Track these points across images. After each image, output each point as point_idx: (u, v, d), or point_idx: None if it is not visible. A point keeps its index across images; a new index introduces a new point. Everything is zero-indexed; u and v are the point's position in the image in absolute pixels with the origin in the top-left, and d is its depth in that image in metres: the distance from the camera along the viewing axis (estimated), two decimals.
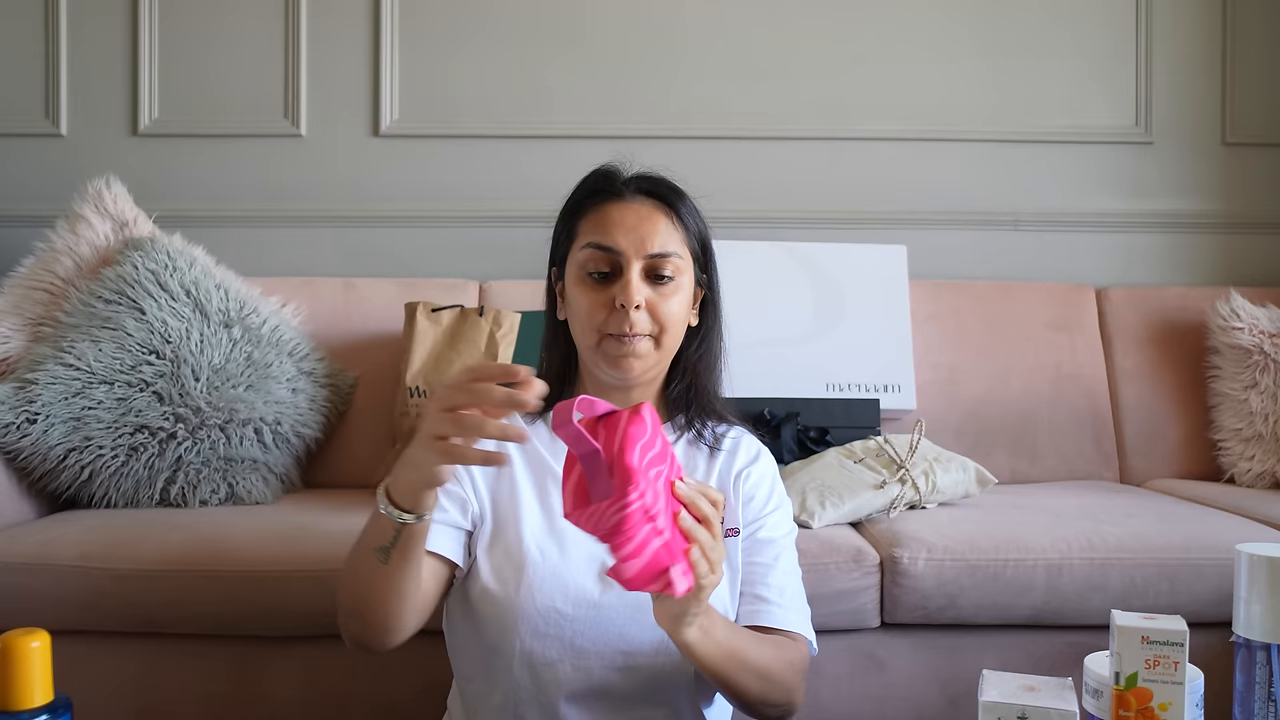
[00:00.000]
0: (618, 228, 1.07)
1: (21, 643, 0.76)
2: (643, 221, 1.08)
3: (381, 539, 0.92)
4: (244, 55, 2.35)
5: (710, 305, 1.15)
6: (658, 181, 1.12)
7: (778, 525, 1.14)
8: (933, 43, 2.39)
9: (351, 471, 2.00)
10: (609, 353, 1.07)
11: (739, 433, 1.19)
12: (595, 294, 1.07)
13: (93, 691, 1.38)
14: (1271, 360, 2.03)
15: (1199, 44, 2.41)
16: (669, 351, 1.10)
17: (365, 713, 1.45)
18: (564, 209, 1.14)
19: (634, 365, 1.07)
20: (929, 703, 1.49)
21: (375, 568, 0.93)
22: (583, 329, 1.08)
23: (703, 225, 1.14)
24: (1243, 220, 2.42)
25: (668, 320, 1.07)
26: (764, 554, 1.11)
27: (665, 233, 1.08)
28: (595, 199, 1.10)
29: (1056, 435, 2.12)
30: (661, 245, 1.07)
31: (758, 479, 1.15)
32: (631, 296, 1.04)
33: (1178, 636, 0.89)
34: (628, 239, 1.06)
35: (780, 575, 1.11)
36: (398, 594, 0.96)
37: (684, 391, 1.15)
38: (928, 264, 2.33)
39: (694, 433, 1.15)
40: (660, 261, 1.07)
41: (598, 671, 1.04)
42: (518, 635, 1.03)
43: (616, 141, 2.32)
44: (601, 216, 1.09)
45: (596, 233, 1.08)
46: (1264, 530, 1.59)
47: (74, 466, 1.70)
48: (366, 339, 2.11)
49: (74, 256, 1.92)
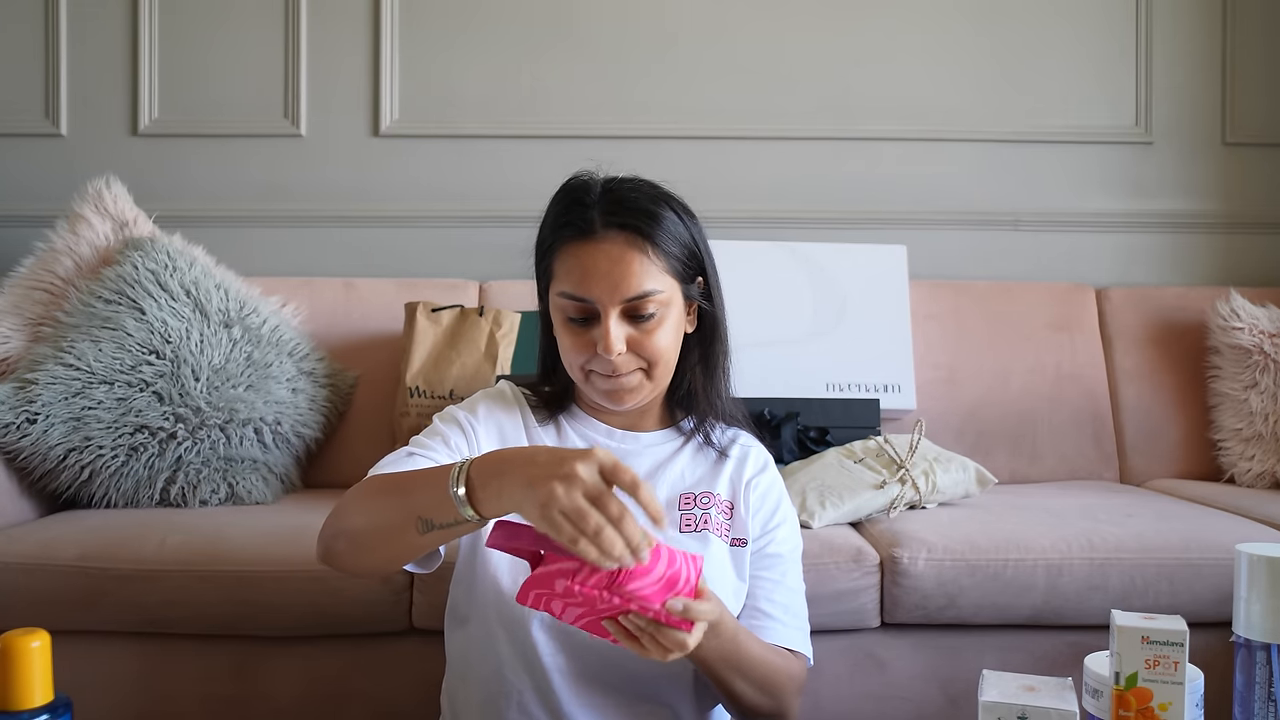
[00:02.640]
0: (590, 276, 1.01)
1: (21, 643, 0.76)
2: (616, 265, 1.01)
3: (434, 514, 0.86)
4: (244, 55, 2.35)
5: (707, 311, 1.11)
6: (630, 208, 1.03)
7: (785, 540, 1.14)
8: (933, 43, 2.39)
9: (351, 471, 1.99)
10: (598, 387, 1.05)
11: (748, 440, 1.18)
12: (577, 337, 1.04)
13: (93, 691, 1.38)
14: (1271, 360, 2.03)
15: (1199, 44, 2.41)
16: (663, 378, 1.08)
17: (364, 712, 1.45)
18: (541, 237, 1.08)
19: (626, 398, 1.06)
20: (929, 703, 1.49)
21: (409, 530, 0.88)
22: (568, 363, 1.07)
23: (690, 233, 1.07)
24: (1243, 220, 2.42)
25: (654, 354, 1.04)
26: (772, 570, 1.11)
27: (641, 272, 1.01)
28: (566, 236, 1.03)
29: (1056, 435, 2.12)
30: (638, 287, 1.01)
31: (766, 489, 1.15)
32: (611, 346, 1.01)
33: (1178, 636, 0.89)
34: (601, 287, 1.01)
35: (786, 593, 1.11)
36: (409, 558, 0.94)
37: (686, 397, 1.14)
38: (928, 264, 2.33)
39: (701, 437, 1.14)
40: (639, 304, 1.02)
41: (597, 670, 1.04)
42: (518, 633, 1.03)
43: (616, 141, 2.34)
44: (573, 261, 1.02)
45: (569, 281, 1.02)
46: (1264, 530, 1.59)
47: (74, 466, 1.70)
48: (366, 339, 2.11)
49: (74, 256, 1.92)
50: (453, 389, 1.92)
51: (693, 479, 1.13)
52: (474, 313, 1.99)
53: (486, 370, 1.94)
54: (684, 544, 1.06)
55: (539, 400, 1.14)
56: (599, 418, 1.14)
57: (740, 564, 1.10)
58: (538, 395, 1.15)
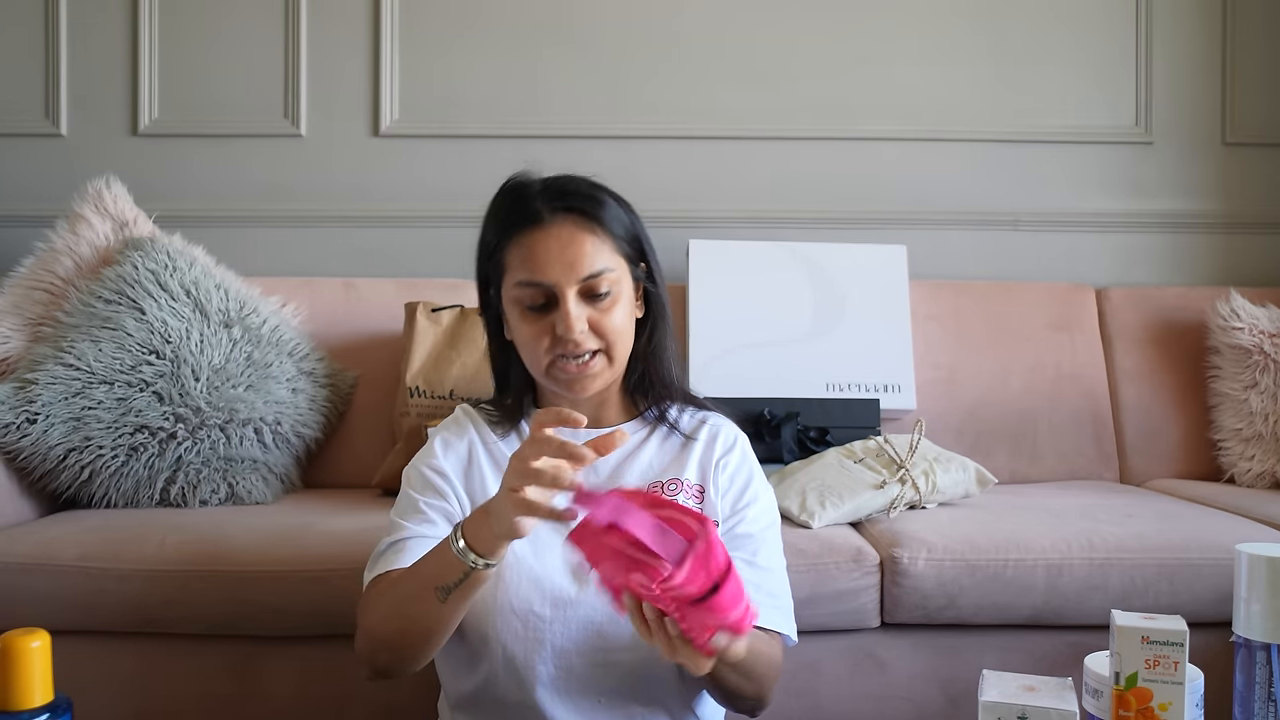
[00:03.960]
0: (543, 259, 1.04)
1: (21, 643, 0.76)
2: (568, 247, 1.05)
3: (446, 578, 0.93)
4: (244, 55, 2.35)
5: (653, 294, 1.14)
6: (573, 194, 1.08)
7: (757, 518, 1.13)
8: (933, 43, 2.39)
9: (351, 471, 2.00)
10: (560, 377, 1.08)
11: (718, 421, 1.18)
12: (536, 324, 1.06)
13: (93, 691, 1.38)
14: (1271, 360, 2.03)
15: (1199, 44, 2.41)
16: (621, 360, 1.10)
17: (363, 713, 1.45)
18: (486, 236, 1.11)
19: (589, 385, 1.08)
20: (929, 703, 1.49)
21: (431, 604, 0.94)
22: (531, 358, 1.09)
23: (630, 220, 1.11)
24: (1243, 220, 2.42)
25: (613, 334, 1.07)
26: (743, 549, 1.10)
27: (593, 251, 1.06)
28: (515, 229, 1.07)
29: (1056, 435, 2.12)
30: (591, 265, 1.05)
31: (735, 468, 1.15)
32: (571, 326, 1.04)
33: (1178, 636, 0.89)
34: (556, 269, 1.04)
35: (759, 573, 1.10)
36: (445, 629, 0.98)
37: (640, 382, 1.15)
38: (928, 264, 2.33)
39: (666, 427, 1.15)
40: (594, 282, 1.05)
41: (580, 670, 1.05)
42: (498, 638, 1.04)
43: (616, 141, 2.34)
44: (525, 250, 1.06)
45: (524, 269, 1.05)
46: (1264, 530, 1.59)
47: (74, 466, 1.70)
48: (366, 339, 2.11)
49: (74, 256, 1.92)
50: (453, 389, 1.92)
51: (660, 466, 1.13)
52: (474, 313, 1.99)
53: (486, 370, 1.92)
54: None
55: (500, 414, 1.16)
56: None
57: None
58: (499, 409, 1.17)
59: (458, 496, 1.10)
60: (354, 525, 1.53)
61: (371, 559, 1.08)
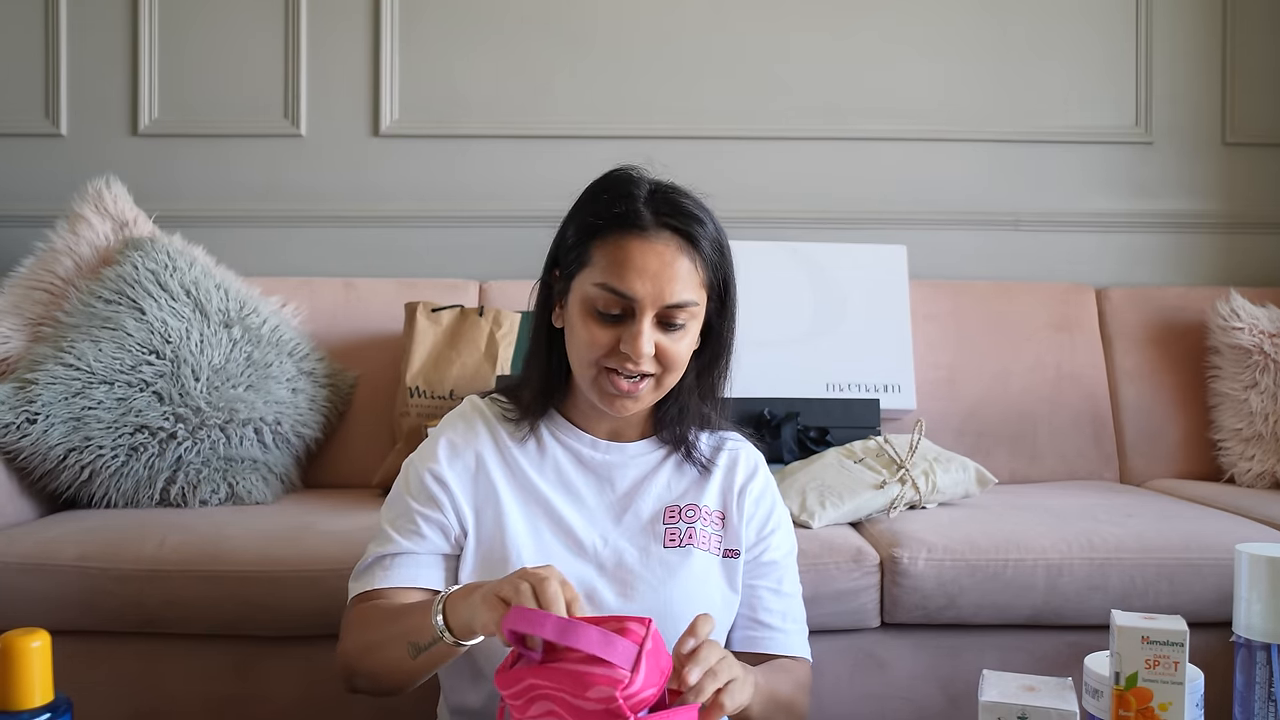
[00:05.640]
0: (637, 273, 0.97)
1: (21, 643, 0.76)
2: (665, 267, 0.98)
3: (420, 638, 0.92)
4: (244, 55, 2.35)
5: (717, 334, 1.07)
6: (681, 210, 1.01)
7: (780, 545, 1.12)
8: (932, 43, 2.39)
9: (351, 471, 2.00)
10: (606, 390, 1.01)
11: (736, 442, 1.14)
12: (601, 330, 0.99)
13: (93, 691, 1.38)
14: (1271, 360, 2.03)
15: (1199, 44, 2.41)
16: (668, 389, 1.04)
17: (364, 712, 1.45)
18: (579, 220, 1.03)
19: (631, 406, 1.02)
20: (929, 703, 1.49)
21: (403, 655, 0.94)
22: (582, 358, 1.02)
23: (724, 254, 1.04)
24: (1243, 220, 2.42)
25: (672, 361, 1.01)
26: (768, 578, 1.10)
27: (685, 279, 0.99)
28: (615, 228, 0.99)
29: (1056, 435, 2.12)
30: (679, 294, 0.98)
31: (759, 494, 1.12)
32: (640, 349, 0.98)
33: (1178, 636, 0.89)
34: (646, 287, 0.97)
35: (783, 600, 1.10)
36: (419, 677, 0.98)
37: (676, 415, 1.09)
38: (928, 264, 2.33)
39: (683, 453, 1.10)
40: (675, 312, 0.99)
41: None
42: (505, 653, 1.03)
43: (616, 141, 2.34)
44: (620, 253, 0.98)
45: (613, 274, 0.98)
46: (1264, 530, 1.59)
47: (74, 466, 1.70)
48: (366, 339, 2.11)
49: (74, 256, 1.92)
50: (453, 389, 1.92)
51: (678, 491, 1.10)
52: (474, 313, 2.00)
53: (486, 370, 1.94)
54: (667, 559, 1.05)
55: (518, 410, 1.09)
56: (583, 426, 1.10)
57: (732, 575, 1.08)
58: (516, 403, 1.10)
59: (455, 509, 1.05)
60: (354, 525, 1.53)
61: (357, 570, 1.06)
